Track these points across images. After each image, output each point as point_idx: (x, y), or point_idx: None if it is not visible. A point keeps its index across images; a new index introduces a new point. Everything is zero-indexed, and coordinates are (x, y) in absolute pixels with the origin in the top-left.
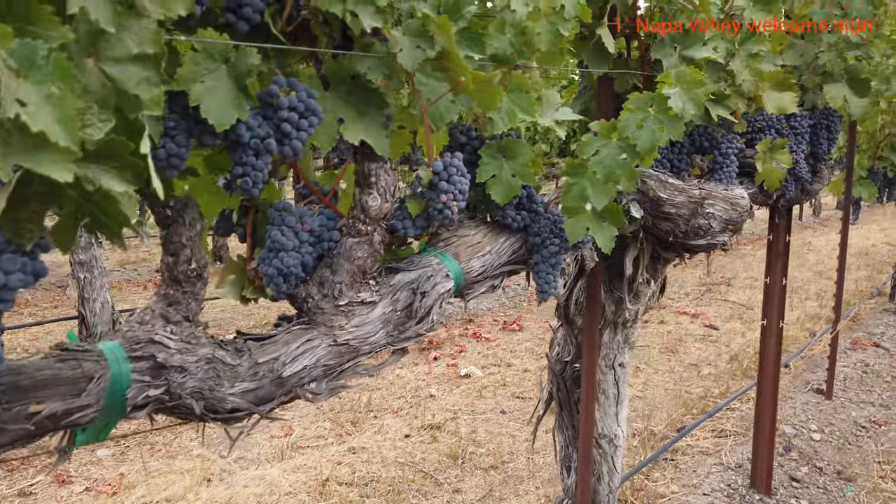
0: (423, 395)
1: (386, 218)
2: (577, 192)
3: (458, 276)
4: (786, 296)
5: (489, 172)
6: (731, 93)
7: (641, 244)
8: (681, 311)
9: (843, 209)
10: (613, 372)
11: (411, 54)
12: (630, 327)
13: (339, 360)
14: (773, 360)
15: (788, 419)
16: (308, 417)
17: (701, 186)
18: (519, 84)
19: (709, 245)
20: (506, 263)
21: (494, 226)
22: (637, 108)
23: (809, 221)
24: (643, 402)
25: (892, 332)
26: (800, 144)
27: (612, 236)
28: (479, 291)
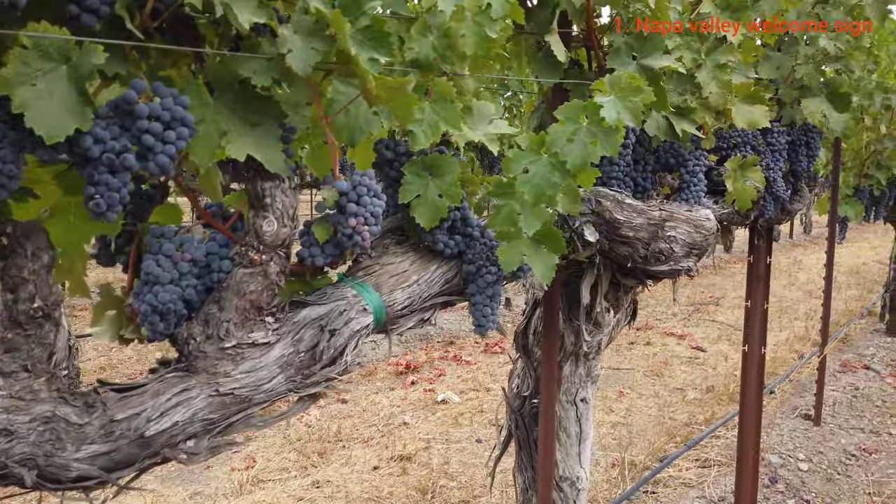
0: (397, 422)
1: (285, 245)
2: (506, 216)
3: (378, 309)
4: (767, 318)
5: (413, 192)
6: (698, 106)
7: (599, 270)
8: (668, 333)
9: (829, 228)
10: (575, 408)
11: (303, 56)
12: (593, 359)
13: (225, 413)
14: (755, 388)
15: (775, 447)
16: (273, 448)
17: (662, 207)
18: (443, 93)
19: (672, 271)
20: (438, 294)
21: (426, 252)
22: (567, 118)
23: (800, 239)
24: (626, 428)
25: (882, 353)
26: (777, 162)
27: (552, 265)
28: (405, 326)
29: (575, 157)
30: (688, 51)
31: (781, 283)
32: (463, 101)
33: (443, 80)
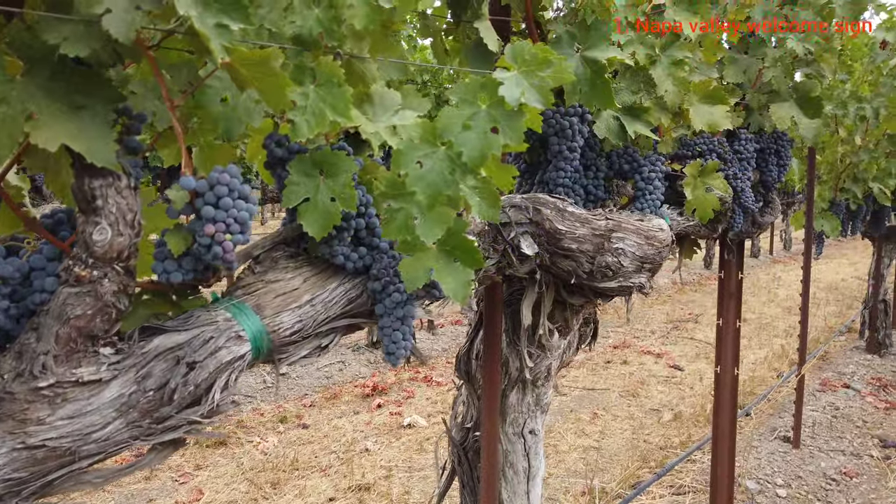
0: (358, 449)
1: (123, 258)
2: (402, 222)
3: (257, 335)
4: (742, 336)
5: (300, 195)
6: (653, 105)
7: (541, 287)
8: (645, 351)
9: (805, 244)
10: (523, 441)
11: (124, 17)
12: (542, 386)
13: (38, 471)
14: (728, 411)
15: (753, 472)
16: (223, 478)
17: (608, 217)
18: (329, 75)
19: (622, 288)
20: (339, 316)
21: (325, 268)
22: (463, 100)
23: (780, 255)
24: (599, 453)
25: (862, 371)
26: (745, 171)
27: (466, 281)
28: (298, 354)
29: (472, 147)
30: (641, 46)
31: (761, 300)
32: (362, 88)
33: (328, 60)
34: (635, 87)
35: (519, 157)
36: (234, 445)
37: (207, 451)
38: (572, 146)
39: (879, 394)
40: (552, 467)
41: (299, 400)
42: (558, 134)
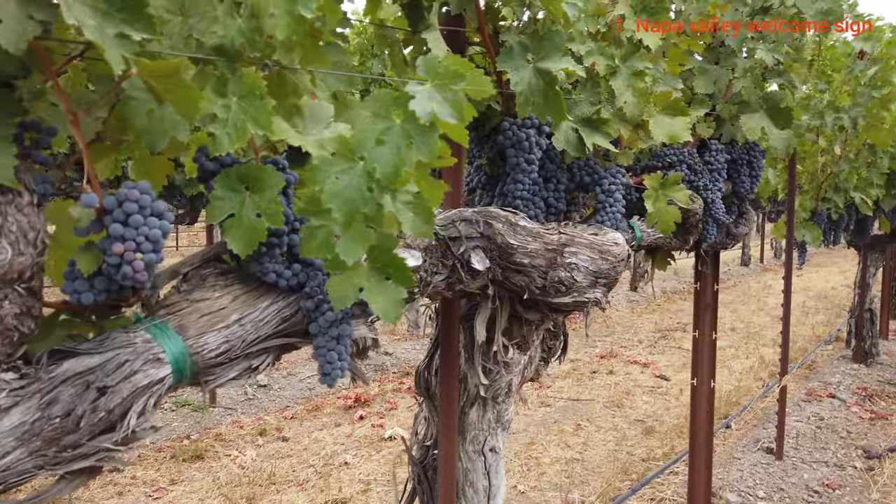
0: (337, 462)
1: (24, 278)
2: (322, 239)
3: (179, 358)
4: (728, 348)
5: (224, 210)
6: (612, 117)
7: (495, 303)
8: (631, 361)
9: (786, 253)
10: (483, 459)
11: (15, 28)
12: (503, 403)
13: None
14: (705, 424)
15: (734, 484)
16: (198, 493)
17: (561, 231)
18: (251, 86)
19: (576, 303)
20: (272, 336)
21: (257, 286)
22: (377, 114)
23: (770, 264)
24: (581, 465)
25: (848, 381)
26: (716, 182)
27: (398, 300)
28: (226, 377)
29: (385, 163)
30: (601, 56)
31: (750, 308)
32: (292, 101)
33: (250, 71)
34: (594, 98)
35: (479, 170)
36: (211, 459)
37: (184, 465)
38: (530, 158)
39: (865, 404)
40: (533, 480)
41: (280, 412)
42: (515, 146)
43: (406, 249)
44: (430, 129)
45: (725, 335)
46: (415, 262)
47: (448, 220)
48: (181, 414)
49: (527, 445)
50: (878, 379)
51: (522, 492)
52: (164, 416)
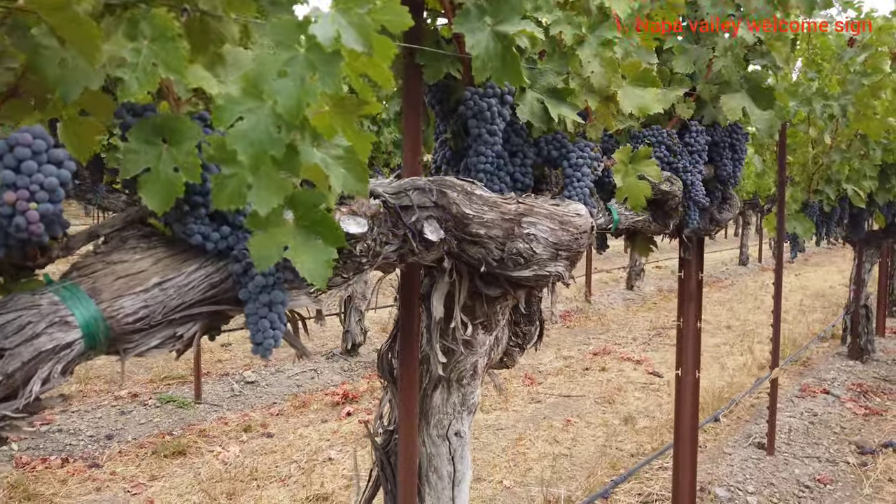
0: (321, 458)
1: None
2: (233, 189)
3: (90, 322)
4: (701, 339)
5: (139, 164)
6: (579, 88)
7: (452, 276)
8: (625, 358)
9: (777, 245)
10: (448, 444)
11: None
12: (468, 385)
13: None
14: (689, 416)
15: (724, 479)
16: (177, 489)
17: (520, 200)
18: (164, 29)
19: (537, 277)
20: (199, 302)
21: (183, 249)
22: (280, 43)
23: (769, 263)
24: (568, 460)
25: (843, 377)
26: (696, 164)
27: (327, 261)
28: (148, 344)
29: (287, 95)
30: (568, 25)
31: (747, 307)
32: (214, 49)
33: (161, 13)
34: (560, 68)
35: (444, 145)
36: (193, 455)
37: (165, 461)
38: (492, 129)
39: (859, 400)
40: (519, 475)
41: (267, 409)
42: (477, 116)
43: (350, 216)
44: (334, 57)
45: (721, 333)
46: (359, 228)
47: (400, 188)
48: (165, 410)
49: (514, 441)
50: (873, 375)
51: (508, 487)
52: (147, 412)
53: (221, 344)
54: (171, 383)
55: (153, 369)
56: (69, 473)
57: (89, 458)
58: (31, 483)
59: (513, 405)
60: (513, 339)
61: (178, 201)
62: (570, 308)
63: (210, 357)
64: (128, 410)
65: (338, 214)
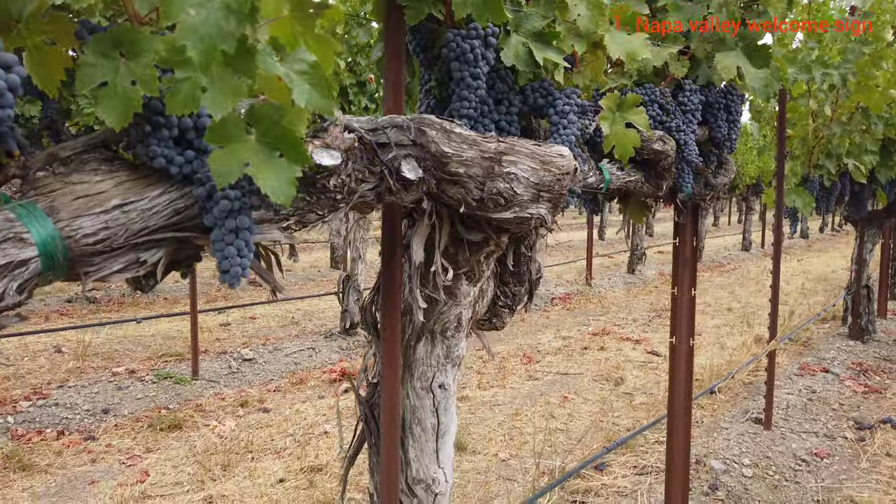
0: (317, 432)
1: None
2: (186, 94)
3: (48, 241)
4: (695, 310)
5: (96, 78)
6: (565, 31)
7: (431, 218)
8: (624, 338)
9: (776, 219)
10: (432, 396)
11: None
12: (452, 338)
13: None
14: (683, 384)
15: (720, 452)
16: (172, 460)
17: (500, 140)
18: None
19: (518, 220)
20: (164, 228)
21: (147, 174)
22: None
23: (772, 249)
24: (564, 435)
25: (843, 356)
26: (689, 124)
27: (290, 179)
28: (110, 269)
29: None
30: None
31: (748, 290)
32: None
33: None
34: (546, 12)
35: (429, 94)
36: (189, 429)
37: (161, 434)
38: (475, 73)
39: (859, 378)
40: (515, 449)
41: (264, 385)
42: (459, 59)
43: (324, 149)
44: None
45: (721, 315)
46: (332, 161)
47: (377, 125)
48: (162, 386)
49: (511, 416)
50: (874, 355)
51: (504, 459)
52: (143, 388)
53: (220, 324)
54: (169, 360)
55: (151, 347)
56: (65, 445)
57: (85, 431)
58: (26, 454)
59: (510, 382)
60: (502, 300)
61: (140, 121)
62: (571, 291)
63: (209, 336)
64: (125, 386)
65: (310, 147)
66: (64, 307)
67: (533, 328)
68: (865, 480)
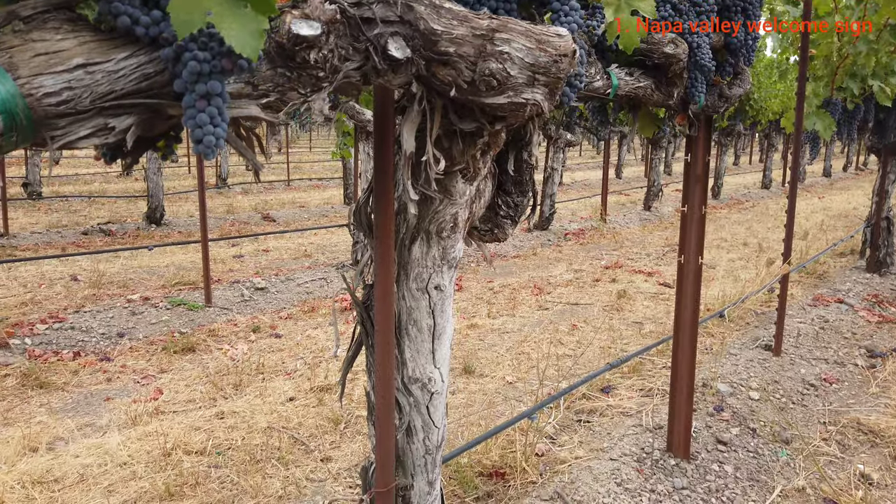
0: (327, 356)
1: None
2: None
3: (7, 98)
4: (704, 227)
5: None
6: None
7: (422, 104)
8: (636, 271)
9: (794, 140)
10: (428, 297)
11: None
12: (448, 238)
13: None
14: (690, 303)
15: (727, 376)
16: (185, 380)
17: (493, 17)
18: None
19: (513, 105)
20: (132, 94)
21: (115, 36)
22: None
23: None
24: (572, 360)
25: (859, 288)
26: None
27: (258, 31)
28: (77, 134)
29: None
30: None
31: (766, 226)
32: None
33: None
34: None
35: None
36: (202, 352)
37: (174, 356)
38: None
39: (874, 309)
40: (522, 373)
41: (276, 313)
42: None
43: (302, 19)
44: None
45: (737, 249)
46: (311, 31)
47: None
48: (176, 313)
49: (519, 342)
50: (890, 287)
51: (510, 382)
52: (157, 313)
53: (233, 256)
54: (182, 289)
55: (165, 276)
56: (81, 365)
57: (100, 352)
58: (43, 373)
59: (520, 312)
60: (504, 209)
61: None
62: (585, 227)
63: (222, 267)
64: (139, 311)
65: (288, 17)
66: (80, 239)
67: (545, 262)
68: (874, 405)
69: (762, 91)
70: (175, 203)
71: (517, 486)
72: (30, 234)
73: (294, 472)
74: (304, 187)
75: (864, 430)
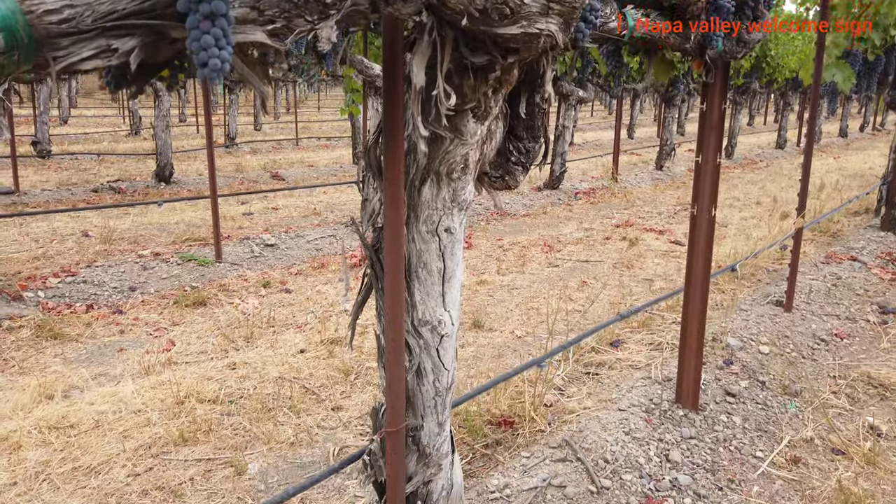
0: (338, 310)
1: None
2: None
3: (7, 15)
4: (718, 177)
5: None
6: None
7: (432, 35)
8: (647, 229)
9: (813, 92)
10: (437, 240)
11: None
12: (458, 180)
13: None
14: (702, 255)
15: (737, 331)
16: (196, 333)
17: None
18: None
19: (526, 36)
20: (135, 14)
21: None
22: None
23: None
24: (581, 315)
25: (873, 246)
26: None
27: None
28: (80, 55)
29: None
30: None
31: (780, 186)
32: None
33: None
34: None
35: None
36: (213, 306)
37: (186, 310)
38: None
39: (888, 266)
40: (531, 327)
41: (286, 268)
42: None
43: None
44: None
45: (749, 208)
46: None
47: None
48: (186, 268)
49: (529, 298)
50: None
51: (519, 336)
52: (168, 268)
53: (243, 213)
54: (193, 245)
55: (175, 233)
56: (94, 318)
57: (113, 305)
58: (56, 324)
59: (530, 269)
60: (515, 155)
61: None
62: (596, 186)
63: (232, 224)
64: (150, 267)
65: None
66: (90, 197)
67: (555, 220)
68: (885, 359)
69: (779, 48)
70: (184, 162)
71: (525, 434)
72: (41, 191)
73: (305, 420)
74: (313, 147)
75: (873, 384)
